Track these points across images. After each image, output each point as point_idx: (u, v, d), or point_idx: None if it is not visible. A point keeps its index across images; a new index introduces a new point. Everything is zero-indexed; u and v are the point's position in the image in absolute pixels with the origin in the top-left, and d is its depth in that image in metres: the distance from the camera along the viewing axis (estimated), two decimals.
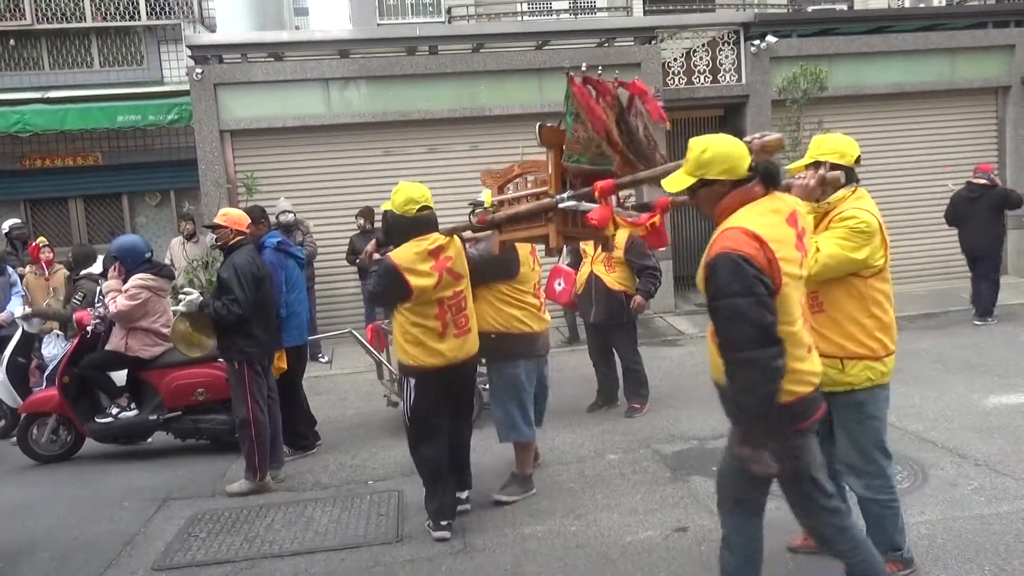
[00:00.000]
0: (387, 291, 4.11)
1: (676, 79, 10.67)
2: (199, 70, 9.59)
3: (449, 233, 4.22)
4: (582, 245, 6.37)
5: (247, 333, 5.04)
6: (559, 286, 6.38)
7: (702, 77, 10.77)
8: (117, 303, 5.70)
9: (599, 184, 3.39)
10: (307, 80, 9.87)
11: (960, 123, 11.41)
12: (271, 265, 5.43)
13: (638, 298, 6.16)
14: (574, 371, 7.99)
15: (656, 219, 3.31)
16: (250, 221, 5.36)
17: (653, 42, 10.49)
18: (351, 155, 10.09)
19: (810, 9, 12.81)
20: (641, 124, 3.74)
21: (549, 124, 3.81)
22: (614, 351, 6.42)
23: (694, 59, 10.74)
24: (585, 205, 3.56)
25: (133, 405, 6.05)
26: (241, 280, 4.93)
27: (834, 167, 3.27)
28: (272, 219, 7.55)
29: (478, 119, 10.22)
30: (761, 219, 2.69)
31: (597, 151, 3.63)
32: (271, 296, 5.31)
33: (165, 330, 5.79)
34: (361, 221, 9.35)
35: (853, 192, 3.31)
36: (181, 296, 5.19)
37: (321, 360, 8.74)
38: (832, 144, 3.38)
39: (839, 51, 10.88)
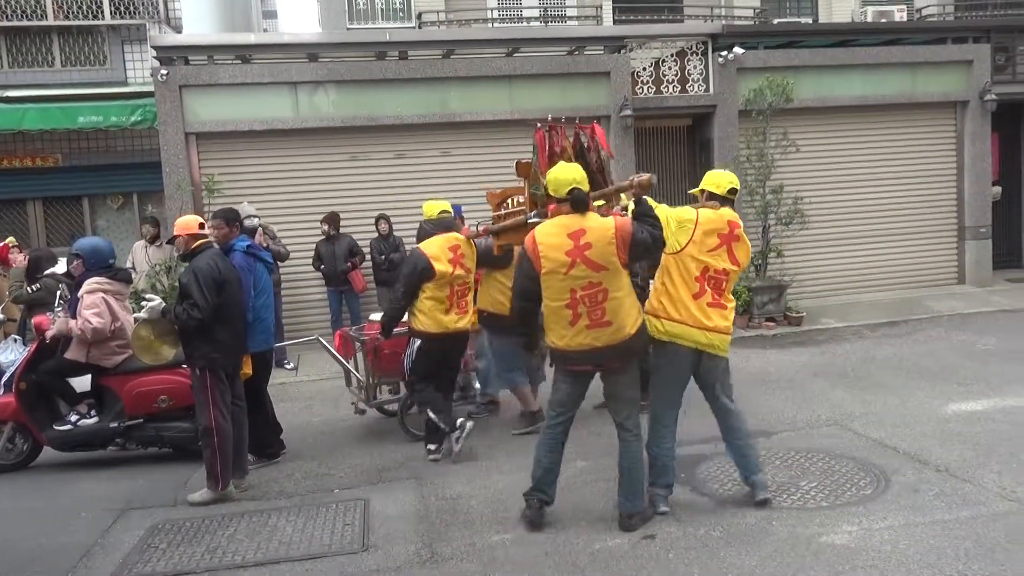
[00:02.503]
0: (415, 272, 5.45)
1: (645, 88, 10.75)
2: (164, 71, 9.42)
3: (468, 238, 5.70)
4: None
5: (210, 338, 4.95)
6: None
7: (671, 86, 10.86)
8: (88, 321, 5.46)
9: (552, 207, 4.28)
10: (275, 83, 9.76)
11: (921, 136, 11.65)
12: (240, 269, 5.35)
13: None
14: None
15: None
16: (201, 222, 5.28)
17: (623, 51, 10.57)
18: (318, 160, 10.00)
19: (776, 22, 13.03)
20: (595, 156, 5.17)
21: (523, 159, 5.40)
22: None
23: (663, 68, 10.84)
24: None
25: (93, 412, 5.90)
26: (201, 285, 4.85)
27: (711, 196, 4.42)
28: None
29: (448, 125, 10.20)
30: (548, 228, 4.08)
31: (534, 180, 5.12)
32: (237, 300, 5.21)
33: (125, 339, 5.64)
34: (326, 227, 9.28)
35: (715, 210, 4.36)
36: (143, 302, 5.09)
37: (287, 367, 8.62)
38: (710, 177, 4.52)
39: (804, 63, 11.05)
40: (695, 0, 13.20)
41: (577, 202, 4.00)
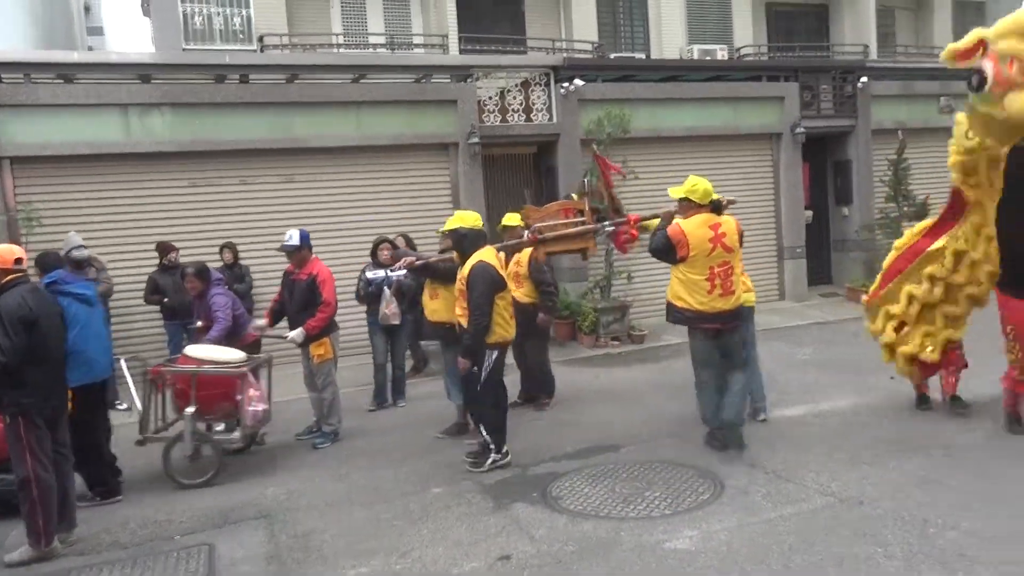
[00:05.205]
0: (491, 288, 5.53)
1: (492, 117, 11.03)
2: None
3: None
4: None
5: (20, 382, 4.53)
6: None
7: (516, 115, 11.21)
8: None
9: (632, 216, 6.54)
10: (102, 105, 9.14)
11: (744, 165, 12.69)
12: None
13: (541, 316, 7.18)
14: (406, 411, 7.97)
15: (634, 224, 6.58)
16: (17, 256, 4.80)
17: (469, 80, 10.80)
18: (153, 186, 9.45)
19: (612, 56, 13.76)
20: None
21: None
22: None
23: (508, 98, 11.17)
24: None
25: None
26: (6, 324, 4.44)
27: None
28: (62, 255, 6.93)
29: (293, 151, 9.97)
30: (691, 224, 5.56)
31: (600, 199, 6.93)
32: (53, 339, 4.79)
33: None
34: (228, 255, 8.98)
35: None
36: None
37: (119, 408, 8.02)
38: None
39: (640, 96, 11.75)
40: (538, 33, 13.72)
41: (716, 206, 5.66)
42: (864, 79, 13.24)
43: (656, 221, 6.11)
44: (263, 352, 7.03)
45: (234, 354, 6.17)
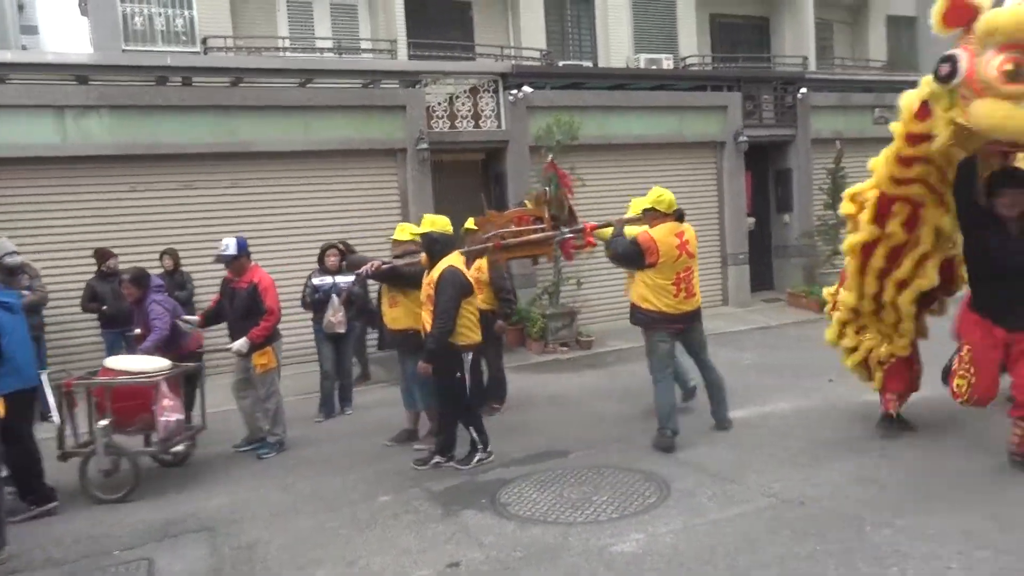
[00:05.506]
0: (459, 293, 5.61)
1: (440, 123, 11.01)
2: None
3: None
4: None
5: None
6: None
7: (465, 122, 11.22)
8: None
9: (588, 224, 6.54)
10: (37, 106, 8.84)
11: (689, 173, 12.92)
12: None
13: (499, 323, 7.31)
14: (353, 419, 7.89)
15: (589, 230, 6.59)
16: None
17: (417, 86, 10.77)
18: (91, 190, 9.17)
19: (561, 64, 13.89)
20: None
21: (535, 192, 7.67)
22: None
23: (457, 104, 11.17)
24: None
25: None
26: None
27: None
28: None
29: (238, 155, 9.79)
30: (660, 231, 5.87)
31: (558, 207, 6.65)
32: None
33: None
34: (169, 262, 8.69)
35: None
36: None
37: (52, 420, 7.72)
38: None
39: (588, 104, 11.88)
40: (486, 39, 13.76)
41: (679, 215, 6.02)
42: (804, 90, 13.64)
43: (610, 230, 6.32)
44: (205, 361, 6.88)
45: (157, 363, 5.95)
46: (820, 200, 13.31)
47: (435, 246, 5.79)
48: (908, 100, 4.73)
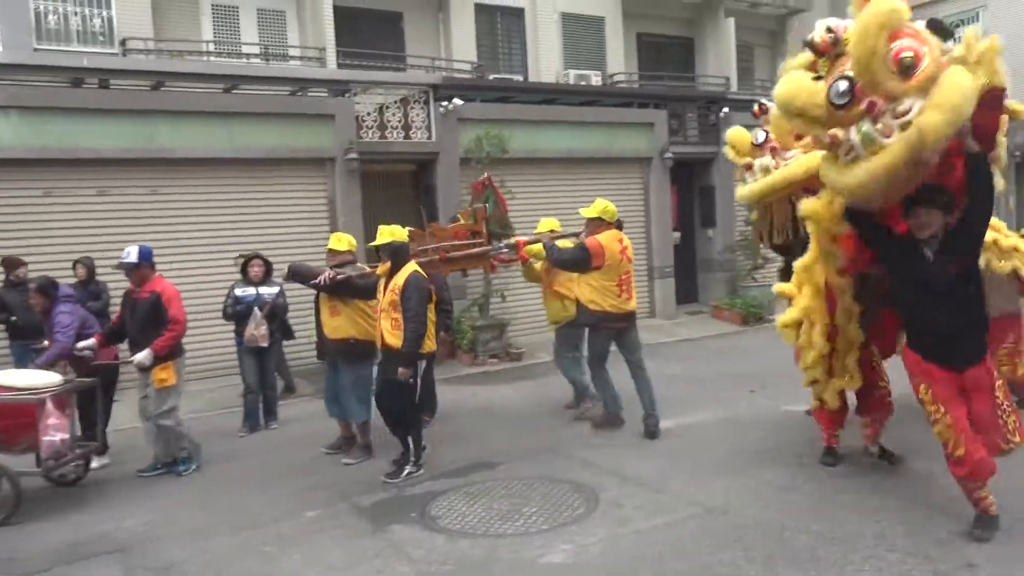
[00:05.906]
0: (426, 297, 5.83)
1: (370, 133, 10.91)
2: None
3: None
4: None
5: None
6: None
7: (395, 132, 11.14)
8: None
9: (520, 239, 7.09)
10: None
11: (617, 187, 13.11)
12: None
13: (442, 334, 7.48)
14: (278, 433, 7.70)
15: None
16: None
17: (347, 95, 10.65)
18: (1, 196, 8.71)
19: (491, 77, 13.95)
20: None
21: (473, 208, 7.60)
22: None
23: (387, 115, 11.09)
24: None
25: None
26: None
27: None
28: None
29: (158, 161, 9.46)
30: (606, 238, 6.58)
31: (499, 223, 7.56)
32: None
33: None
34: (82, 271, 8.23)
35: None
36: None
37: None
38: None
39: (518, 117, 11.97)
40: (417, 50, 13.72)
41: (619, 224, 6.81)
42: (726, 109, 14.10)
43: (539, 245, 6.92)
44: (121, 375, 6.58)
45: (47, 379, 5.65)
46: (742, 216, 13.72)
47: (398, 254, 5.96)
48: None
